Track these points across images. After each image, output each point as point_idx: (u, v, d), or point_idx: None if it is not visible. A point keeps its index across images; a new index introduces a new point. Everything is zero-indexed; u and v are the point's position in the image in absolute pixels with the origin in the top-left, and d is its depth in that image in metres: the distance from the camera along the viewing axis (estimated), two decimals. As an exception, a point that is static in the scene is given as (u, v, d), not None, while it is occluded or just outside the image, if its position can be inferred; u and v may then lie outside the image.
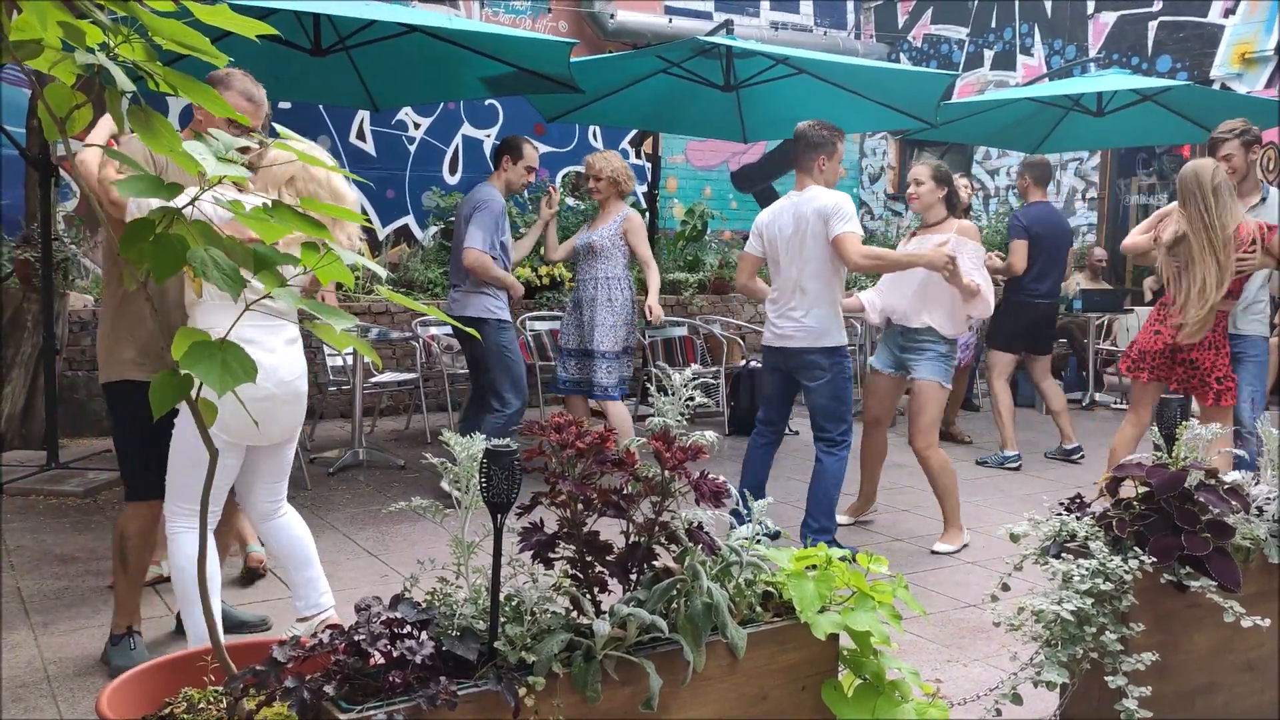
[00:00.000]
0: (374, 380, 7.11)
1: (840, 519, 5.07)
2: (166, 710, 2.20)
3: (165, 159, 3.18)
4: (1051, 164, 6.69)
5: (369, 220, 2.66)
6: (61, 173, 4.18)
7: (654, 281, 5.99)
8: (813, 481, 4.76)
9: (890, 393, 5.14)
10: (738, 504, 2.43)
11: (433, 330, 7.66)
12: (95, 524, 4.96)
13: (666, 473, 2.12)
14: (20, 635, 3.62)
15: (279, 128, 2.96)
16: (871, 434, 5.20)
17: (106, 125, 3.36)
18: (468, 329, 2.40)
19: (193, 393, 1.95)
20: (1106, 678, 2.48)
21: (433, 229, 9.65)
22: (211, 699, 2.23)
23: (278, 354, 3.11)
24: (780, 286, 4.69)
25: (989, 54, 11.69)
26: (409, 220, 9.75)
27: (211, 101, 1.99)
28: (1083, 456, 6.81)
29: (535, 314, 8.34)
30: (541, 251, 6.60)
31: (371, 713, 1.78)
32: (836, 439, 4.70)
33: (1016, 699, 2.56)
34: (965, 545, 4.87)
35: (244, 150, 2.02)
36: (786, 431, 7.69)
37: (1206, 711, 2.82)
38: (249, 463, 3.25)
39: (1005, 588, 2.74)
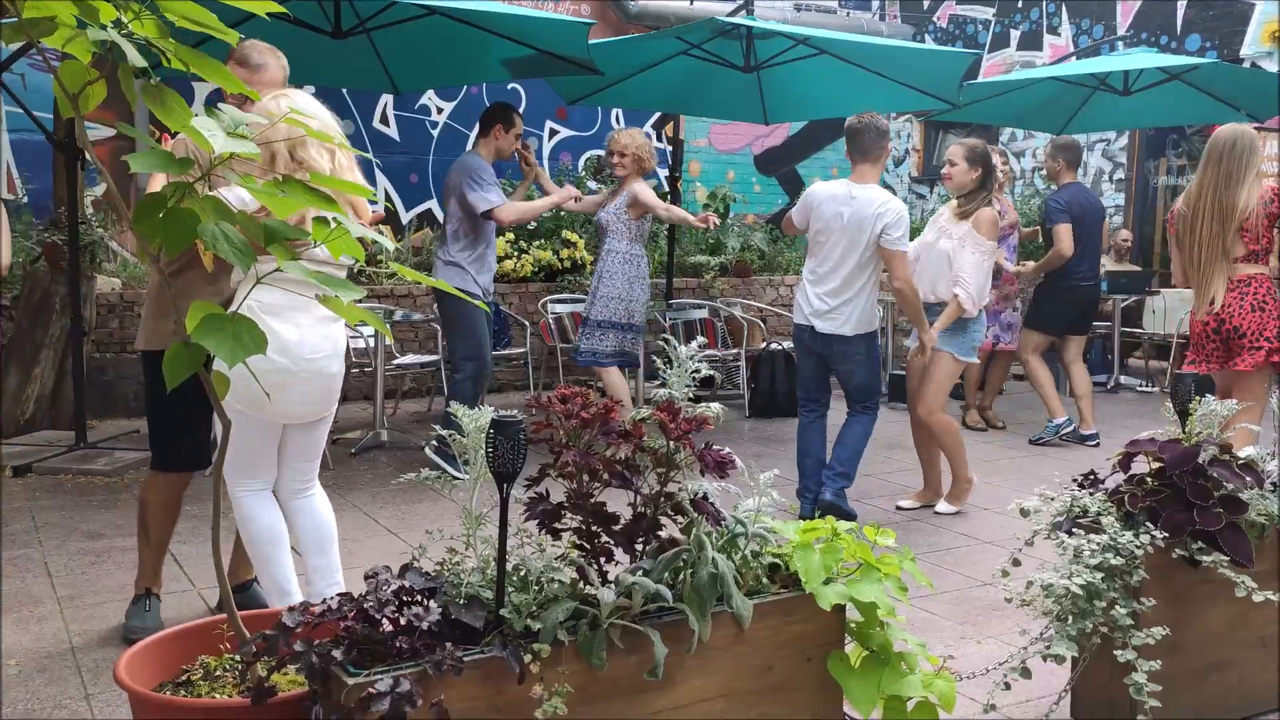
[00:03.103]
0: (396, 362, 7.16)
1: (907, 503, 5.28)
2: (184, 677, 2.25)
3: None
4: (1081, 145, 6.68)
5: (374, 196, 2.67)
6: (88, 156, 4.22)
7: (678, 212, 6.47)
8: (851, 432, 4.91)
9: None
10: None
11: (454, 313, 7.69)
12: (122, 502, 5.04)
13: (672, 444, 2.13)
14: (47, 609, 3.69)
15: (293, 98, 2.97)
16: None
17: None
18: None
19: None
20: (1116, 652, 2.48)
21: (456, 213, 9.68)
22: (228, 666, 2.28)
23: (302, 329, 3.00)
24: (819, 266, 4.84)
25: (1015, 34, 11.56)
26: (432, 204, 9.79)
27: (223, 78, 2.02)
28: (1098, 444, 6.76)
29: (557, 296, 8.37)
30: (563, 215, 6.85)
31: (378, 677, 1.81)
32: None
33: (1026, 673, 2.56)
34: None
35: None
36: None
37: (1219, 688, 2.82)
38: (282, 441, 3.19)
39: (1016, 563, 2.74)
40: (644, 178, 6.16)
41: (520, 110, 9.26)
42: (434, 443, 5.54)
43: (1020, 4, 11.49)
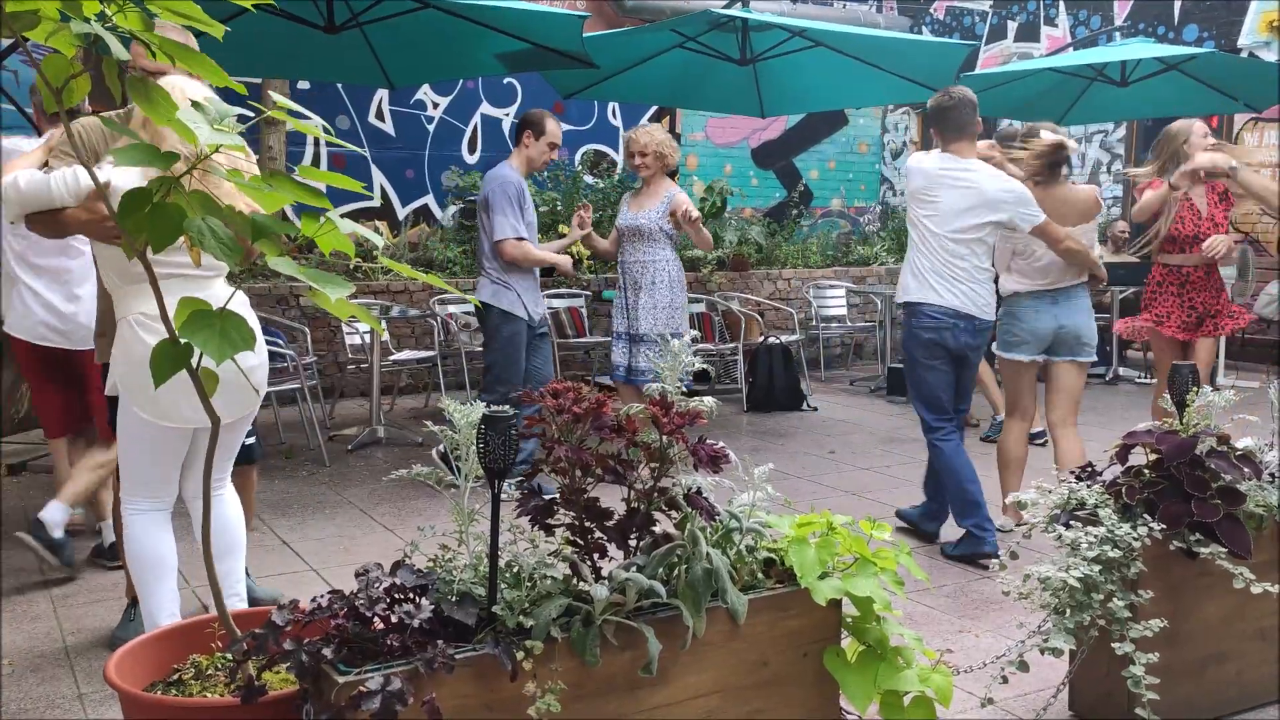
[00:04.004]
0: (393, 358, 7.14)
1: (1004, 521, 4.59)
2: (175, 676, 2.23)
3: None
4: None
5: (368, 192, 2.65)
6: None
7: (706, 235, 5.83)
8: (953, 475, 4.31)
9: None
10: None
11: (450, 308, 7.68)
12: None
13: (665, 438, 2.12)
14: (40, 608, 3.67)
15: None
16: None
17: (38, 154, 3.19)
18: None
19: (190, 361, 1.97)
20: (1114, 645, 2.47)
21: (452, 209, 9.66)
22: (219, 665, 2.26)
23: None
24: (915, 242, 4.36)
25: (1012, 25, 11.54)
26: (428, 200, 9.77)
27: (210, 72, 2.00)
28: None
29: (553, 291, 8.35)
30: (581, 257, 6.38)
31: (369, 675, 1.79)
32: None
33: (1023, 666, 2.55)
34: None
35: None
36: (805, 407, 7.72)
37: (1217, 680, 2.80)
38: (196, 443, 3.00)
39: (1014, 555, 2.73)
40: (666, 174, 5.77)
41: (518, 102, 9.15)
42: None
43: (1017, -5, 11.47)
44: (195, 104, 1.94)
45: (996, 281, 4.54)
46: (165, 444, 2.89)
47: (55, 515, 3.89)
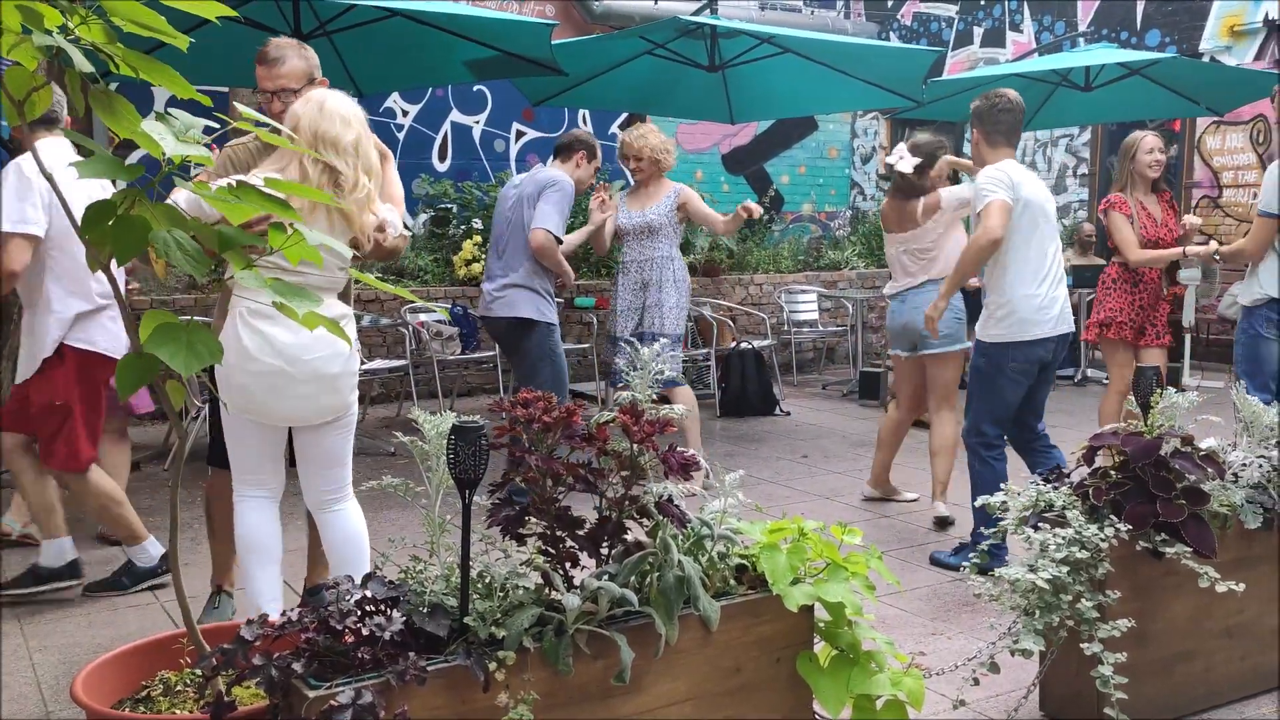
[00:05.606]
0: (365, 367, 7.10)
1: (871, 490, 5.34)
2: (143, 693, 2.21)
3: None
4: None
5: (337, 202, 2.66)
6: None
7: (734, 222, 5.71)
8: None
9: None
10: None
11: (422, 317, 7.65)
12: (83, 517, 4.95)
13: (635, 446, 2.12)
14: (5, 625, 3.62)
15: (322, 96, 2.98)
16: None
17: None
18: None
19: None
20: (1082, 645, 2.49)
21: (423, 217, 9.63)
22: (188, 681, 2.24)
23: (297, 331, 2.80)
24: (1045, 261, 4.14)
25: (978, 31, 11.64)
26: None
27: (172, 82, 1.99)
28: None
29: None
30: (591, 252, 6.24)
31: (340, 689, 1.78)
32: None
33: (994, 668, 2.57)
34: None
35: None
36: (778, 412, 7.75)
37: (1185, 679, 2.84)
38: (299, 448, 3.08)
39: (982, 557, 2.75)
40: (664, 174, 5.58)
41: (488, 110, 9.13)
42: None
43: (983, 1, 11.57)
44: (160, 115, 1.93)
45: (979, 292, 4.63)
46: (253, 435, 3.00)
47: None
